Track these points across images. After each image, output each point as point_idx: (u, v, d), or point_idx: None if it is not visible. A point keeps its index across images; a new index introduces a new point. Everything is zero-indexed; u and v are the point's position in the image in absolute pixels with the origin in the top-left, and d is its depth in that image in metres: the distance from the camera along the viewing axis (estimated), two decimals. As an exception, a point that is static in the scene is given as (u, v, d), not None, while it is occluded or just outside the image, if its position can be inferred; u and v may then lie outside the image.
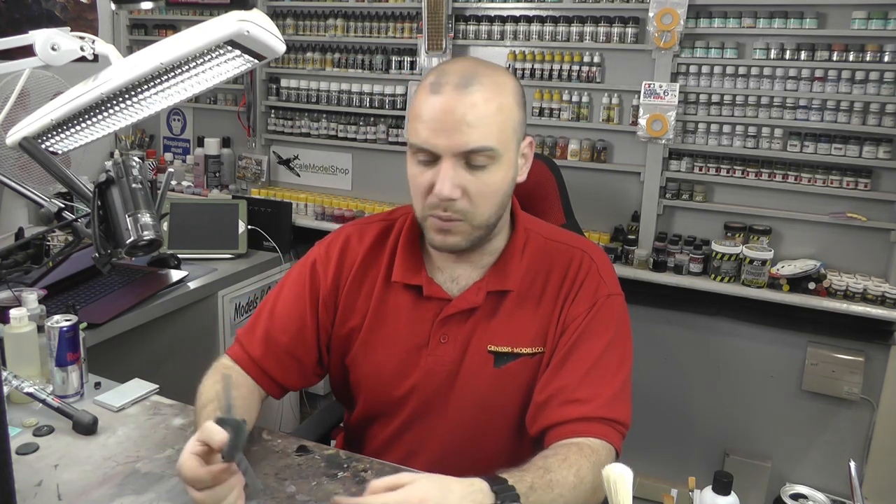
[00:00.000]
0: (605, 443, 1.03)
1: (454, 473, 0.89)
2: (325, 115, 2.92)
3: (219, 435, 0.87)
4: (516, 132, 1.06)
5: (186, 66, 0.88)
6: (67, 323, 1.25)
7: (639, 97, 2.35)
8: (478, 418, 1.14)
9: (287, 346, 1.18)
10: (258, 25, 0.83)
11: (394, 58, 2.75)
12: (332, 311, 1.20)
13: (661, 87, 2.31)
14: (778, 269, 2.19)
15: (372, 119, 2.84)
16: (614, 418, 1.05)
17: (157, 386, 1.31)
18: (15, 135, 0.94)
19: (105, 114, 0.93)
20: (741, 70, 2.26)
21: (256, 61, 0.89)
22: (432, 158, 1.03)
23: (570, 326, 1.11)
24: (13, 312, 1.26)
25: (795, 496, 1.00)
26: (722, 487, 0.95)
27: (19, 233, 2.16)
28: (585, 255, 1.16)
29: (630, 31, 2.37)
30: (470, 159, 1.01)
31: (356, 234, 1.22)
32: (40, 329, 1.29)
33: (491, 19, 2.56)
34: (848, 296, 2.13)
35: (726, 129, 2.31)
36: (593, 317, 1.11)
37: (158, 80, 0.89)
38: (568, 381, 1.07)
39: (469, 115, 0.99)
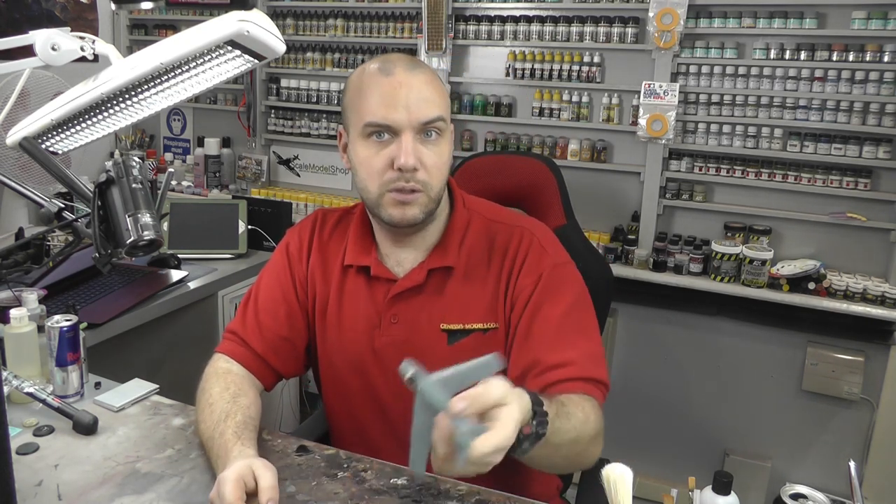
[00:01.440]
0: (589, 396, 1.05)
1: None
2: (325, 115, 2.93)
3: (270, 489, 0.89)
4: (449, 113, 1.15)
5: (186, 66, 0.88)
6: (67, 323, 1.25)
7: (639, 97, 2.35)
8: None
9: (280, 332, 1.21)
10: (258, 25, 0.83)
11: (394, 58, 2.75)
12: (305, 293, 1.24)
13: (661, 87, 2.31)
14: (778, 269, 2.19)
15: (372, 119, 2.83)
16: (593, 377, 1.07)
17: (157, 386, 1.31)
18: (15, 135, 0.94)
19: (105, 114, 0.93)
20: (741, 70, 2.26)
21: (256, 61, 0.89)
22: (390, 135, 1.08)
23: (519, 299, 1.14)
24: (13, 312, 1.26)
25: (795, 496, 0.99)
26: (722, 487, 0.95)
27: (19, 233, 2.16)
28: (526, 230, 1.19)
29: (630, 31, 2.37)
30: (427, 130, 1.08)
31: (320, 218, 1.28)
32: (40, 329, 1.29)
33: (491, 19, 2.56)
34: (848, 296, 2.13)
35: (726, 129, 2.31)
36: (544, 286, 1.13)
37: (158, 80, 0.89)
38: (538, 351, 1.09)
39: (424, 91, 1.08)
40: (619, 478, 0.82)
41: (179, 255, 2.25)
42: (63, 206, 1.08)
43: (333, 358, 1.22)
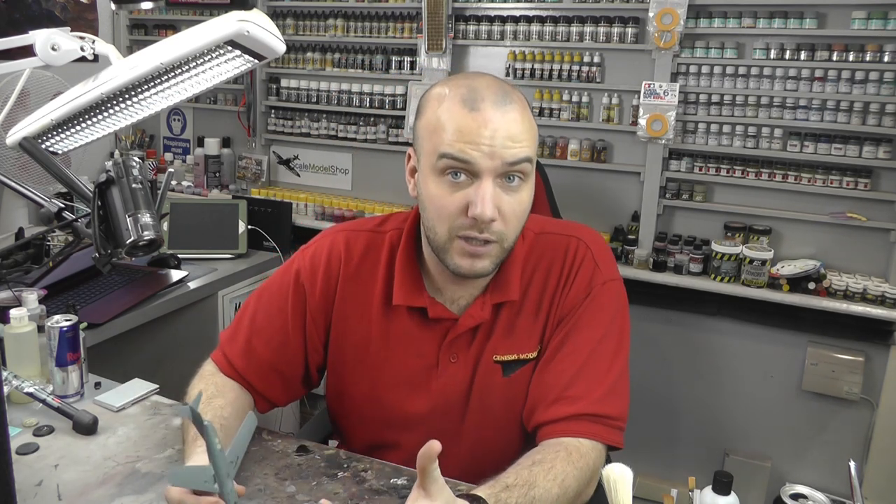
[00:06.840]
0: (595, 443, 1.02)
1: (479, 482, 0.91)
2: (325, 115, 2.92)
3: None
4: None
5: (186, 66, 0.88)
6: (67, 323, 1.25)
7: (639, 97, 2.35)
8: (495, 428, 1.13)
9: (270, 361, 1.15)
10: (258, 25, 0.83)
11: (394, 58, 2.75)
12: (325, 327, 1.16)
13: (661, 87, 2.31)
14: (778, 269, 2.19)
15: (372, 119, 2.84)
16: (607, 414, 1.03)
17: (157, 386, 1.31)
18: (15, 135, 0.94)
19: (105, 114, 0.93)
20: (741, 70, 2.26)
21: (256, 61, 0.89)
22: (467, 177, 0.98)
23: (565, 317, 1.09)
24: (13, 312, 1.26)
25: (795, 496, 1.00)
26: (722, 487, 0.95)
27: (19, 233, 2.16)
28: (581, 242, 1.12)
29: (630, 31, 2.37)
30: (509, 176, 0.98)
31: (342, 243, 1.16)
32: (40, 329, 1.29)
33: (491, 19, 2.56)
34: (848, 296, 2.13)
35: (726, 129, 2.31)
36: (587, 306, 1.08)
37: (158, 80, 0.89)
38: (560, 377, 1.05)
39: (513, 129, 0.97)
40: (619, 478, 0.82)
41: (179, 255, 2.25)
42: (63, 206, 1.08)
43: (375, 395, 1.15)
